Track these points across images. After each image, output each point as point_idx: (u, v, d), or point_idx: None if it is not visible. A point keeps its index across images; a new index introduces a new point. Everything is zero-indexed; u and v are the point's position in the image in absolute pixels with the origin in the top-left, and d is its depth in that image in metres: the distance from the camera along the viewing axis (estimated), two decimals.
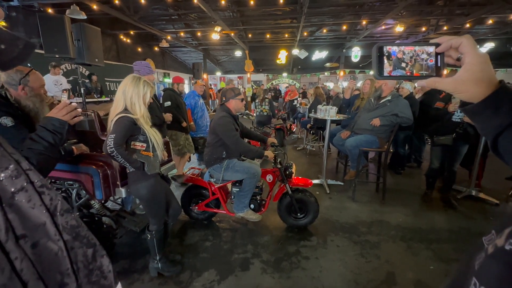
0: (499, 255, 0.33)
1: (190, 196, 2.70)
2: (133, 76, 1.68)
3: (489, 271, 0.34)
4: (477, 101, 0.47)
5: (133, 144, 1.66)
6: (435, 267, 2.08)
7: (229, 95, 2.38)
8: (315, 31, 10.30)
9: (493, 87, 0.46)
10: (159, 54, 12.90)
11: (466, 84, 0.46)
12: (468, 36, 0.48)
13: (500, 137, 0.47)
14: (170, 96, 3.61)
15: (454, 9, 7.66)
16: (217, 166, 2.40)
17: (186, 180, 2.66)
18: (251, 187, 2.41)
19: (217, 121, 2.31)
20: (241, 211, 2.47)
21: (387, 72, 0.53)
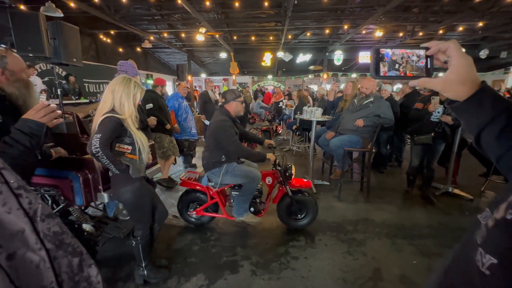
0: (501, 225, 0.37)
1: (187, 201, 2.61)
2: (123, 76, 1.62)
3: (493, 240, 0.37)
4: (462, 100, 0.52)
5: (118, 146, 1.59)
6: (418, 262, 2.16)
7: (229, 97, 2.33)
8: (299, 34, 10.50)
9: (476, 87, 0.50)
10: (142, 54, 12.57)
11: (453, 84, 0.51)
12: (454, 41, 0.52)
13: (482, 133, 0.52)
14: (152, 99, 3.51)
15: (428, 16, 8.11)
16: (216, 170, 2.33)
17: (183, 184, 2.57)
18: (251, 191, 2.36)
19: (216, 125, 2.25)
20: (241, 215, 2.42)
21: (382, 73, 0.57)
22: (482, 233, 0.40)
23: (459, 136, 3.34)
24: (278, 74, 15.55)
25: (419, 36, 9.09)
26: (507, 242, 0.35)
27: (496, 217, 0.38)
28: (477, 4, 6.76)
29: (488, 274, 0.36)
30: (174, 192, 3.58)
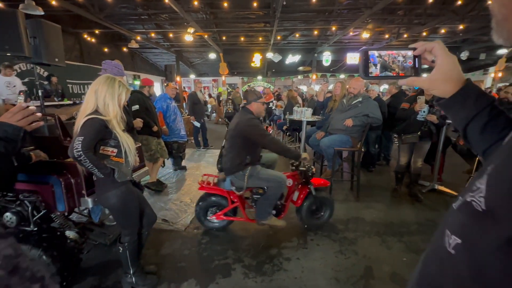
0: (462, 206, 0.41)
1: (206, 205, 2.54)
2: (107, 76, 1.55)
3: (457, 222, 0.41)
4: (447, 97, 0.55)
5: (102, 149, 1.53)
6: (408, 258, 2.20)
7: (251, 98, 2.29)
8: (288, 35, 10.56)
9: (461, 85, 0.53)
10: (128, 55, 12.29)
11: (438, 82, 0.54)
12: (439, 41, 0.55)
13: (468, 128, 0.56)
14: (138, 100, 3.42)
15: (412, 19, 8.36)
16: (240, 173, 2.28)
17: (202, 189, 2.50)
18: (277, 195, 2.32)
19: (245, 123, 2.20)
20: (265, 219, 2.38)
21: (371, 73, 0.59)
22: (450, 217, 0.43)
23: (443, 135, 3.45)
24: (267, 75, 15.59)
25: (404, 38, 9.35)
26: (468, 222, 0.38)
27: (461, 200, 0.41)
28: (458, 7, 7.03)
29: (454, 253, 0.39)
30: (163, 196, 3.50)
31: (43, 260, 1.59)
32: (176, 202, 3.29)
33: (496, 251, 0.32)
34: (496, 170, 0.36)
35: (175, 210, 3.04)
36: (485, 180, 0.36)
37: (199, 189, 2.53)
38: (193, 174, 4.37)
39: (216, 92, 11.84)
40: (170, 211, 3.02)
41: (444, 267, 0.41)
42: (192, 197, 3.43)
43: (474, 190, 0.38)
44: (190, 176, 4.28)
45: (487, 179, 0.36)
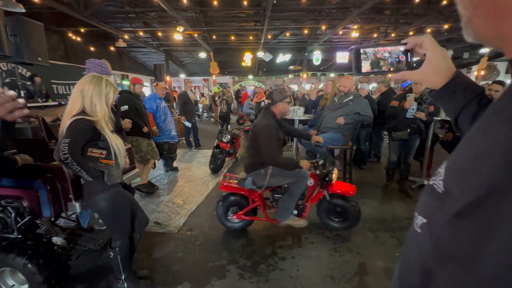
0: (426, 189, 0.45)
1: (226, 205, 2.50)
2: (93, 75, 1.50)
3: (422, 203, 0.45)
4: (438, 88, 0.57)
5: (90, 151, 1.47)
6: (400, 253, 2.23)
7: (276, 98, 2.21)
8: (278, 34, 10.57)
9: (451, 76, 0.55)
10: (116, 54, 12.00)
11: (428, 74, 0.56)
12: (428, 35, 0.56)
13: (458, 118, 0.58)
14: (127, 100, 3.33)
15: (399, 18, 8.53)
16: (261, 172, 2.24)
17: (223, 188, 2.47)
18: (299, 192, 2.29)
19: (260, 129, 2.17)
20: (286, 218, 2.35)
21: (365, 69, 0.61)
22: (419, 201, 0.47)
23: (431, 131, 3.53)
24: (258, 74, 15.57)
25: (391, 37, 9.53)
26: (430, 203, 0.41)
27: (427, 184, 0.45)
28: (443, 7, 7.21)
29: (420, 232, 0.43)
30: (155, 198, 3.43)
31: (28, 269, 1.52)
32: (168, 204, 3.23)
33: (447, 224, 0.35)
34: (452, 155, 0.40)
35: (168, 212, 2.99)
36: (444, 165, 0.41)
37: (220, 189, 2.51)
38: (185, 175, 4.31)
39: (212, 93, 11.77)
40: (162, 214, 2.96)
41: (414, 245, 0.45)
42: (184, 199, 3.38)
43: (436, 174, 0.43)
44: (182, 177, 4.22)
45: (446, 164, 0.41)
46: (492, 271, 0.29)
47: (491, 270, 0.29)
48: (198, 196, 3.43)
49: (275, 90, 2.29)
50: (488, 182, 0.30)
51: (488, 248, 0.29)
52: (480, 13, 0.37)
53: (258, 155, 2.24)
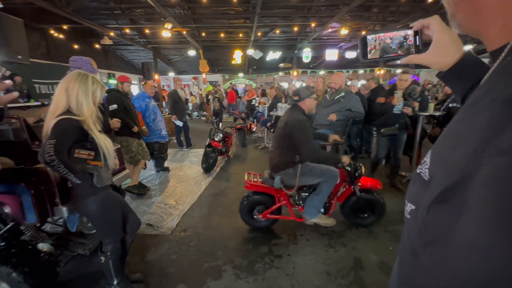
0: (414, 178, 0.46)
1: (251, 204, 2.46)
2: (78, 72, 1.42)
3: (410, 191, 0.47)
4: (445, 70, 0.57)
5: (78, 152, 1.40)
6: (394, 247, 2.27)
7: (303, 94, 2.18)
8: (268, 31, 10.54)
9: (458, 58, 0.55)
10: (101, 52, 11.63)
11: (435, 56, 0.56)
12: (435, 16, 0.55)
13: (465, 98, 0.57)
14: (115, 99, 3.23)
15: (386, 16, 8.67)
16: (289, 171, 2.21)
17: (249, 187, 2.42)
18: (329, 191, 2.27)
19: (295, 124, 2.11)
20: (314, 217, 2.33)
21: (372, 55, 0.62)
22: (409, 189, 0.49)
23: (420, 127, 3.61)
24: (249, 72, 15.51)
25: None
26: (418, 191, 0.43)
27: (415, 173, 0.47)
28: (428, 5, 7.38)
29: (409, 218, 0.46)
30: (146, 199, 3.35)
31: (13, 278, 1.44)
32: (160, 205, 3.16)
33: (430, 208, 0.37)
34: (435, 144, 0.42)
35: (160, 214, 2.92)
36: (429, 153, 0.43)
37: (246, 188, 2.46)
38: (177, 175, 4.23)
39: (202, 91, 11.67)
40: (155, 215, 2.89)
41: (404, 231, 0.49)
42: (177, 199, 3.31)
43: (422, 163, 0.44)
44: (174, 177, 4.14)
45: (430, 153, 0.43)
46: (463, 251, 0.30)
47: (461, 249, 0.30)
48: (191, 196, 3.38)
49: (302, 87, 2.29)
50: (461, 168, 0.32)
51: (458, 231, 0.31)
52: (460, 9, 0.40)
53: (290, 153, 2.18)
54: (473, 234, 0.29)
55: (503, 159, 0.28)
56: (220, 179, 4.07)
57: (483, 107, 0.33)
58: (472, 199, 0.30)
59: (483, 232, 0.28)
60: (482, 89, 0.37)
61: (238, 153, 5.65)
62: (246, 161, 5.06)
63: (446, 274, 0.32)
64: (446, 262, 0.32)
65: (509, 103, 0.30)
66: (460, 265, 0.30)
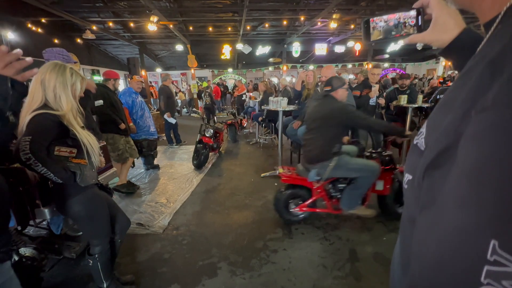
0: (412, 148, 0.48)
1: (287, 197, 2.43)
2: (54, 62, 1.30)
3: (409, 161, 0.49)
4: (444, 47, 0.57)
5: (58, 150, 1.30)
6: (387, 237, 2.29)
7: (336, 85, 2.19)
8: (257, 25, 10.40)
9: (456, 34, 0.55)
10: (84, 47, 11.15)
11: (434, 34, 0.56)
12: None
13: None
14: (102, 94, 3.08)
15: (374, 9, 8.72)
16: (325, 163, 2.19)
17: (285, 180, 2.39)
18: (368, 185, 2.24)
19: (342, 111, 2.13)
20: (353, 208, 2.32)
21: (375, 37, 0.63)
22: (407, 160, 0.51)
23: (409, 119, 3.67)
24: (238, 67, 15.32)
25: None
26: (415, 161, 0.44)
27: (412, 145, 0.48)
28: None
29: (406, 187, 0.48)
30: (136, 198, 3.24)
31: None
32: (151, 203, 3.07)
33: (425, 174, 0.39)
34: (431, 114, 0.44)
35: (151, 212, 2.83)
36: (425, 124, 0.44)
37: (282, 181, 2.43)
38: (167, 173, 4.12)
39: (194, 87, 11.46)
40: (145, 214, 2.80)
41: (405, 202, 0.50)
42: (168, 197, 3.23)
43: (419, 134, 0.46)
44: (164, 175, 4.04)
45: (426, 123, 0.44)
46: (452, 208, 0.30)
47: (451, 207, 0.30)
48: (182, 194, 3.30)
49: (334, 77, 2.32)
50: (452, 131, 0.34)
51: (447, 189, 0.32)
52: None
53: (330, 143, 2.18)
54: (461, 191, 0.29)
55: (487, 115, 0.28)
56: (212, 175, 4.00)
57: (474, 73, 0.34)
58: (460, 157, 0.30)
59: (469, 189, 0.28)
60: (475, 59, 0.37)
61: (229, 148, 5.58)
62: (238, 156, 5.01)
63: (438, 233, 0.32)
64: (438, 222, 0.32)
65: (493, 63, 0.31)
66: (450, 222, 0.30)
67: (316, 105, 2.36)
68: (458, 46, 0.54)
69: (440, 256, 0.30)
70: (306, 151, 2.36)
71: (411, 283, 0.37)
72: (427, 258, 0.33)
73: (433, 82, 7.89)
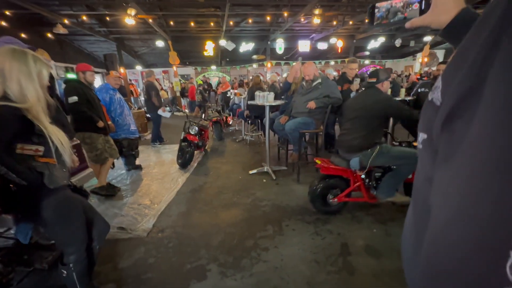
0: (426, 105, 0.46)
1: (325, 188, 2.45)
2: (12, 48, 1.14)
3: (423, 120, 0.47)
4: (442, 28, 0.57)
5: (21, 148, 1.14)
6: (377, 229, 2.30)
7: (382, 77, 2.25)
8: (240, 21, 10.25)
9: (454, 14, 0.54)
10: (56, 43, 10.46)
11: (434, 16, 0.56)
12: None
13: None
14: (75, 89, 2.85)
15: (355, 6, 8.87)
16: (368, 152, 2.22)
17: (324, 171, 2.42)
18: (409, 173, 2.22)
19: (385, 102, 2.20)
20: (391, 196, 2.31)
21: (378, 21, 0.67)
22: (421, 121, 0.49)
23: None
24: (222, 64, 15.09)
25: (349, 25, 9.92)
26: (431, 118, 0.42)
27: (426, 102, 0.46)
28: None
29: (421, 148, 0.47)
30: (117, 200, 3.05)
31: None
32: (133, 205, 2.89)
33: (442, 128, 0.37)
34: (445, 68, 0.42)
35: (133, 215, 2.67)
36: (440, 79, 0.42)
37: (321, 172, 2.44)
38: (150, 173, 3.94)
39: (177, 84, 11.16)
40: (127, 217, 2.64)
41: (419, 165, 0.49)
42: (152, 198, 3.07)
43: (434, 89, 0.44)
44: (147, 176, 3.85)
45: (441, 77, 0.42)
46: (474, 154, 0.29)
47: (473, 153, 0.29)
48: (167, 194, 3.15)
49: (380, 69, 2.37)
50: (473, 75, 0.32)
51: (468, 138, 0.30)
52: None
53: (375, 133, 2.24)
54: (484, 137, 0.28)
55: None
56: (198, 174, 3.86)
57: (495, 11, 0.31)
58: (488, 95, 0.28)
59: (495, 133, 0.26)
60: (487, 8, 0.35)
61: (215, 147, 5.44)
62: (225, 154, 4.89)
63: (462, 183, 0.30)
64: (462, 171, 0.30)
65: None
66: (477, 167, 0.28)
67: (357, 96, 2.46)
68: (456, 26, 0.54)
69: (468, 203, 0.28)
70: (347, 140, 2.37)
71: (432, 240, 0.35)
72: (451, 209, 0.31)
73: (412, 78, 8.18)
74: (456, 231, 0.29)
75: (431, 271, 0.34)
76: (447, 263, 0.30)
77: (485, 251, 0.26)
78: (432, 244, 0.34)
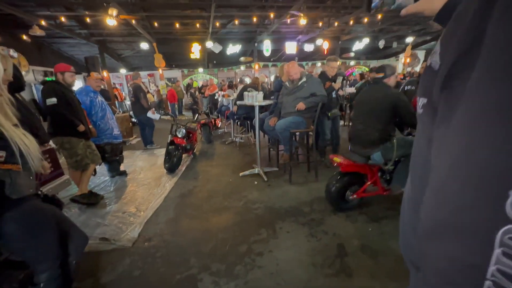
0: (425, 70, 0.46)
1: (344, 186, 2.44)
2: None
3: (423, 84, 0.47)
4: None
5: None
6: (372, 228, 2.26)
7: (389, 72, 2.30)
8: (226, 23, 10.18)
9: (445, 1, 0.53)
10: (33, 46, 9.95)
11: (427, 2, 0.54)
12: None
13: None
14: (54, 91, 2.67)
15: (340, 8, 9.01)
16: (387, 145, 2.23)
17: (345, 168, 2.39)
18: None
19: (398, 98, 2.21)
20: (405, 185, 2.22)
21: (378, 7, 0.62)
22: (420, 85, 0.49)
23: None
24: (209, 67, 14.93)
25: (334, 26, 10.05)
26: (429, 82, 0.42)
27: (425, 67, 0.46)
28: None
29: (421, 112, 0.47)
30: (99, 209, 2.85)
31: None
32: (117, 214, 2.72)
33: (441, 89, 0.37)
34: (443, 32, 0.42)
35: (117, 224, 2.50)
36: (438, 42, 0.42)
37: (341, 169, 2.42)
38: (136, 179, 3.75)
39: (163, 89, 10.94)
40: (111, 226, 2.47)
41: (419, 129, 0.49)
42: (137, 205, 2.90)
43: (432, 53, 0.44)
44: (132, 182, 3.66)
45: (440, 41, 0.42)
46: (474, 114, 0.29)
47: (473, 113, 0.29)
48: (154, 200, 2.99)
49: (387, 65, 2.42)
50: (471, 30, 0.32)
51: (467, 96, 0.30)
52: None
53: (389, 126, 2.25)
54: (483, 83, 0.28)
55: None
56: (186, 178, 3.72)
57: None
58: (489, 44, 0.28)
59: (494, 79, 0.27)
60: None
61: (204, 150, 5.30)
62: (214, 157, 4.76)
63: (459, 136, 0.31)
64: (459, 125, 0.31)
65: None
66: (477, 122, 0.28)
67: (365, 90, 2.49)
68: (448, 10, 0.52)
69: (468, 151, 0.29)
70: (363, 134, 2.35)
71: (433, 194, 0.35)
72: (452, 161, 0.31)
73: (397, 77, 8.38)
74: (457, 179, 0.30)
75: (431, 224, 0.34)
76: (448, 212, 0.31)
77: (484, 194, 0.27)
78: (433, 197, 0.35)
